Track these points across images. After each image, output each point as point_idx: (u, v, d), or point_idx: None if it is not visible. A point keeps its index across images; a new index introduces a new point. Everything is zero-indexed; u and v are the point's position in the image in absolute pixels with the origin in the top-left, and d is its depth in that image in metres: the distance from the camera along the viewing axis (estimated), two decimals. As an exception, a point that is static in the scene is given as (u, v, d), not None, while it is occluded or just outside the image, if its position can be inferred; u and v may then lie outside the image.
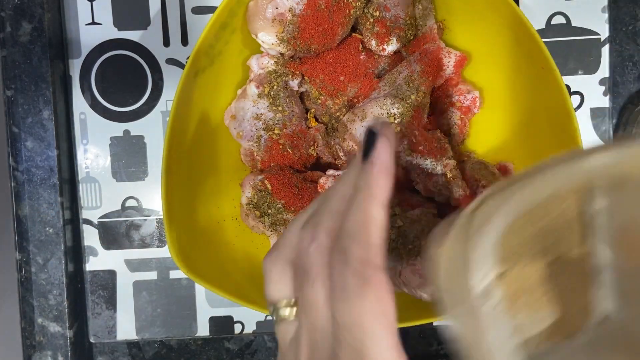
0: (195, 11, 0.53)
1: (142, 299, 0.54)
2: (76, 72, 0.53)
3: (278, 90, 0.48)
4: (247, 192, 0.48)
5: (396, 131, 0.46)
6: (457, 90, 0.49)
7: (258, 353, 0.56)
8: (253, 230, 0.50)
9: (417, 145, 0.46)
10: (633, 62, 0.53)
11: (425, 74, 0.48)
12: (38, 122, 0.52)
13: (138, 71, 0.53)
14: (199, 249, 0.47)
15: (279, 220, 0.47)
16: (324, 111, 0.50)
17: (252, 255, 0.51)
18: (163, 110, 0.54)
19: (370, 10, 0.47)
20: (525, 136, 0.48)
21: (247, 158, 0.50)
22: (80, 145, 0.54)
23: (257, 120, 0.48)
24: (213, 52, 0.46)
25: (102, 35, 0.53)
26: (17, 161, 0.52)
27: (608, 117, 0.52)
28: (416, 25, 0.48)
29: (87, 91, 0.53)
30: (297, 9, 0.45)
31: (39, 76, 0.52)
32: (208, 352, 0.56)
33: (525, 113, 0.48)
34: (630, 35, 0.53)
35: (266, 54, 0.48)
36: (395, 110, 0.46)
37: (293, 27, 0.45)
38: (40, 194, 0.52)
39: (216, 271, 0.47)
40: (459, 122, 0.49)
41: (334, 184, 0.41)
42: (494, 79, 0.49)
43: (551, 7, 0.52)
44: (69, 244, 0.53)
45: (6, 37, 0.52)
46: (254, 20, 0.46)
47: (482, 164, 0.50)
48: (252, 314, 0.54)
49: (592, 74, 0.52)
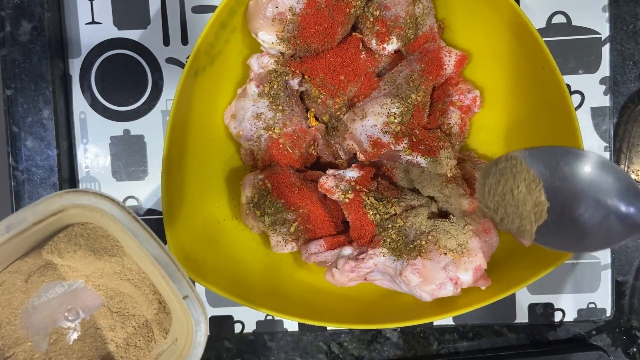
0: (195, 10, 0.53)
1: (142, 299, 0.54)
2: (76, 72, 0.53)
3: (278, 90, 0.48)
4: (247, 191, 0.48)
5: (396, 131, 0.46)
6: (458, 90, 0.49)
7: (258, 353, 0.56)
8: (253, 229, 0.50)
9: (417, 145, 0.46)
10: (633, 61, 0.53)
11: (426, 73, 0.48)
12: (38, 122, 0.52)
13: (138, 70, 0.53)
14: (199, 249, 0.47)
15: (279, 219, 0.47)
16: (324, 110, 0.50)
17: (252, 254, 0.51)
18: (163, 110, 0.54)
19: (371, 10, 0.46)
20: (525, 135, 0.48)
21: (247, 157, 0.50)
22: (80, 145, 0.54)
23: (257, 120, 0.48)
24: (213, 51, 0.46)
25: (102, 35, 0.53)
26: (17, 160, 0.52)
27: (608, 116, 0.52)
28: (416, 24, 0.48)
29: (87, 90, 0.53)
30: (297, 8, 0.44)
31: (38, 75, 0.52)
32: (208, 351, 0.56)
33: (525, 112, 0.48)
34: (630, 35, 0.53)
35: (266, 53, 0.48)
36: (396, 110, 0.46)
37: (293, 26, 0.45)
38: (40, 193, 0.52)
39: (216, 270, 0.47)
40: (459, 122, 0.49)
41: None
42: (494, 78, 0.49)
43: (552, 6, 0.52)
44: (69, 244, 0.53)
45: (6, 36, 0.52)
46: (254, 19, 0.46)
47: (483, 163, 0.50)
48: (252, 314, 0.54)
49: (592, 73, 0.52)
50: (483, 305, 0.45)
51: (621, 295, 0.55)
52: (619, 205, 0.34)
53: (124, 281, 0.40)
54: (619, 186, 0.34)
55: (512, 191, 0.35)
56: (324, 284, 0.48)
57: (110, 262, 0.40)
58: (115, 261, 0.40)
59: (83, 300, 0.40)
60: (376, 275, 0.47)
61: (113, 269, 0.40)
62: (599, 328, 0.55)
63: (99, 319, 0.41)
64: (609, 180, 0.34)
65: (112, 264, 0.40)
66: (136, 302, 0.41)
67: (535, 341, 0.56)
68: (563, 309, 0.54)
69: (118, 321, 0.41)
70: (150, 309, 0.40)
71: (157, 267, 0.36)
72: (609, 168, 0.34)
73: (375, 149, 0.46)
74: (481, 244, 0.45)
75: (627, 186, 0.34)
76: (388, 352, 0.56)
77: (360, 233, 0.47)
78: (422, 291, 0.44)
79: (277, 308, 0.46)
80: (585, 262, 0.53)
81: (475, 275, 0.44)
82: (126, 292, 0.41)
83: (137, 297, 0.40)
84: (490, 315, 0.54)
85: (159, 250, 0.36)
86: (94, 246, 0.39)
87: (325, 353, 0.56)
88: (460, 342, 0.56)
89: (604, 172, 0.34)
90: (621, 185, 0.34)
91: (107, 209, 0.35)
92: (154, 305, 0.40)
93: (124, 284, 0.40)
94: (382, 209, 0.47)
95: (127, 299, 0.41)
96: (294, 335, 0.56)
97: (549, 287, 0.54)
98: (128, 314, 0.41)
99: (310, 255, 0.48)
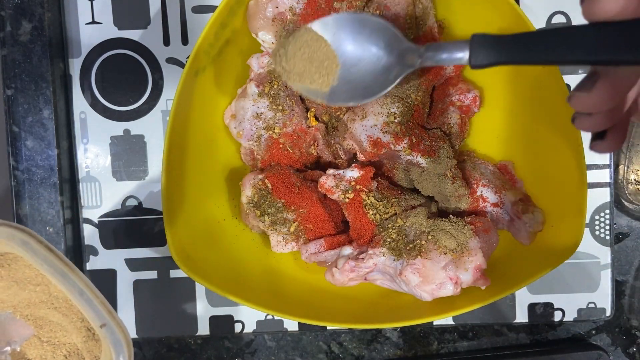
0: (196, 10, 0.53)
1: (142, 298, 0.54)
2: (76, 72, 0.53)
3: (278, 90, 0.48)
4: (248, 191, 0.48)
5: (396, 130, 0.46)
6: (457, 89, 0.49)
7: (258, 352, 0.56)
8: (253, 229, 0.50)
9: (417, 145, 0.46)
10: (633, 61, 0.53)
11: (426, 73, 0.48)
12: (38, 122, 0.52)
13: (138, 70, 0.53)
14: (199, 248, 0.47)
15: (279, 219, 0.47)
16: (324, 110, 0.50)
17: (252, 254, 0.51)
18: (163, 110, 0.54)
19: (371, 10, 0.46)
20: (525, 135, 0.48)
21: (247, 157, 0.50)
22: (80, 145, 0.54)
23: (257, 120, 0.48)
24: (213, 51, 0.46)
25: (102, 35, 0.53)
26: (17, 160, 0.52)
27: (608, 116, 0.52)
28: (416, 24, 0.48)
29: (87, 90, 0.53)
30: (298, 8, 0.45)
31: (39, 75, 0.52)
32: (208, 351, 0.56)
33: (525, 112, 0.48)
34: (630, 35, 0.53)
35: (266, 53, 0.48)
36: (396, 109, 0.46)
37: (293, 26, 0.45)
38: (40, 193, 0.52)
39: (216, 270, 0.47)
40: (459, 121, 0.49)
41: None
42: (494, 78, 0.49)
43: (551, 6, 0.52)
44: (69, 244, 0.53)
45: (6, 36, 0.52)
46: (254, 19, 0.46)
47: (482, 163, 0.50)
48: (252, 313, 0.54)
49: (592, 73, 0.52)
50: (483, 305, 0.45)
51: (621, 295, 0.55)
52: (386, 52, 0.40)
53: (52, 310, 0.40)
54: (384, 36, 0.40)
55: (302, 49, 0.40)
56: (324, 284, 0.48)
57: (36, 291, 0.39)
58: (41, 290, 0.39)
59: (12, 331, 0.40)
60: (376, 275, 0.47)
61: (39, 297, 0.39)
62: (599, 328, 0.55)
63: (29, 349, 0.40)
64: (378, 35, 0.40)
65: (38, 293, 0.39)
66: (66, 330, 0.40)
67: (535, 341, 0.56)
68: (563, 309, 0.54)
69: (49, 350, 0.40)
70: (79, 337, 0.40)
71: (72, 297, 0.35)
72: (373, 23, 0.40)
73: (375, 148, 0.46)
74: (481, 244, 0.45)
75: (391, 35, 0.40)
76: (388, 351, 0.56)
77: (360, 233, 0.47)
78: (422, 291, 0.44)
79: (277, 308, 0.46)
80: (585, 262, 0.53)
81: (475, 275, 0.44)
82: (55, 321, 0.40)
83: (66, 325, 0.40)
84: (490, 315, 0.54)
85: (73, 278, 0.36)
86: (16, 276, 0.39)
87: (325, 353, 0.56)
88: (460, 342, 0.56)
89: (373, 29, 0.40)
90: (386, 35, 0.40)
91: (17, 241, 0.35)
92: (83, 333, 0.40)
93: (52, 313, 0.40)
94: (382, 209, 0.47)
95: (57, 327, 0.40)
96: (294, 335, 0.56)
97: (549, 287, 0.54)
98: (59, 343, 0.40)
99: (310, 255, 0.48)
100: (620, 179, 0.54)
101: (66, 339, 0.40)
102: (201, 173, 0.49)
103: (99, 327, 0.36)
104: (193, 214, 0.48)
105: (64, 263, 0.36)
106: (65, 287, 0.36)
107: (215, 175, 0.50)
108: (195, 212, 0.48)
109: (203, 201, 0.49)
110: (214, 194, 0.50)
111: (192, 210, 0.48)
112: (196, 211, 0.48)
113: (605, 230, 0.53)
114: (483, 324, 0.55)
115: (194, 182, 0.48)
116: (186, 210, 0.47)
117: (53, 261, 0.36)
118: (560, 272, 0.53)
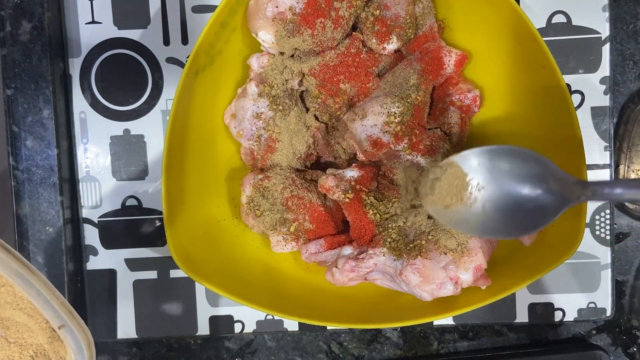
0: (196, 10, 0.53)
1: (142, 298, 0.54)
2: (76, 71, 0.53)
3: (278, 89, 0.48)
4: (248, 191, 0.48)
5: (396, 130, 0.46)
6: (458, 89, 0.49)
7: (258, 352, 0.56)
8: (253, 229, 0.50)
9: (417, 145, 0.46)
10: (634, 60, 0.53)
11: (426, 72, 0.48)
12: (38, 121, 0.52)
13: (138, 70, 0.53)
14: (199, 248, 0.47)
15: (279, 219, 0.47)
16: (324, 110, 0.50)
17: (252, 254, 0.51)
18: (163, 110, 0.54)
19: (371, 9, 0.46)
20: (525, 135, 0.48)
21: (247, 157, 0.50)
22: (80, 144, 0.54)
23: (257, 120, 0.48)
24: (213, 51, 0.46)
25: (102, 34, 0.53)
26: (17, 160, 0.52)
27: (609, 116, 0.52)
28: (416, 24, 0.48)
29: (87, 90, 0.53)
30: (298, 8, 0.44)
31: (39, 75, 0.52)
32: (208, 351, 0.56)
33: (525, 112, 0.48)
34: (630, 34, 0.53)
35: (266, 53, 0.48)
36: (396, 109, 0.46)
37: (293, 26, 0.45)
38: (40, 193, 0.52)
39: (216, 270, 0.47)
40: (459, 121, 0.49)
41: None
42: (494, 77, 0.49)
43: (552, 6, 0.52)
44: (69, 243, 0.53)
45: (6, 36, 0.52)
46: (254, 18, 0.46)
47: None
48: (252, 313, 0.54)
49: (592, 73, 0.52)
50: (483, 304, 0.45)
51: (621, 295, 0.55)
52: (539, 189, 0.39)
53: (17, 310, 0.40)
54: (537, 172, 0.39)
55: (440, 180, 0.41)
56: (324, 284, 0.48)
57: (0, 292, 0.39)
58: (6, 291, 0.39)
59: (-21, 332, 0.40)
60: (376, 275, 0.47)
61: (4, 299, 0.39)
62: (599, 328, 0.55)
63: None
64: (535, 169, 0.39)
65: (3, 294, 0.39)
66: (32, 331, 0.40)
67: (536, 341, 0.56)
68: (563, 309, 0.54)
69: (16, 351, 0.40)
70: (45, 337, 0.40)
71: (30, 298, 0.35)
72: (529, 158, 0.39)
73: (375, 148, 0.46)
74: (481, 244, 0.45)
75: (543, 172, 0.38)
76: (388, 351, 0.56)
77: (360, 233, 0.47)
78: (422, 291, 0.44)
79: (277, 308, 0.46)
80: (585, 262, 0.53)
81: (475, 275, 0.44)
82: (21, 322, 0.40)
83: (31, 325, 0.40)
84: (490, 315, 0.54)
85: (30, 279, 0.35)
86: None
87: (325, 353, 0.56)
88: (460, 342, 0.56)
89: (526, 162, 0.39)
90: (540, 171, 0.39)
91: None
92: (48, 334, 0.40)
93: (18, 314, 0.40)
94: (382, 209, 0.47)
95: (23, 328, 0.40)
96: (294, 335, 0.56)
97: (549, 287, 0.54)
98: (25, 344, 0.40)
99: (310, 255, 0.48)
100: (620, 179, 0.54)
101: (32, 340, 0.40)
102: (201, 173, 0.49)
103: (58, 328, 0.36)
104: (193, 214, 0.48)
105: (21, 264, 0.36)
106: (23, 288, 0.35)
107: (215, 175, 0.50)
108: (195, 212, 0.48)
109: (203, 201, 0.49)
110: (214, 194, 0.50)
111: (192, 210, 0.48)
112: (196, 211, 0.48)
113: (606, 230, 0.53)
114: (483, 324, 0.55)
115: (194, 182, 0.48)
116: (186, 210, 0.47)
117: (9, 262, 0.35)
118: (560, 272, 0.53)
